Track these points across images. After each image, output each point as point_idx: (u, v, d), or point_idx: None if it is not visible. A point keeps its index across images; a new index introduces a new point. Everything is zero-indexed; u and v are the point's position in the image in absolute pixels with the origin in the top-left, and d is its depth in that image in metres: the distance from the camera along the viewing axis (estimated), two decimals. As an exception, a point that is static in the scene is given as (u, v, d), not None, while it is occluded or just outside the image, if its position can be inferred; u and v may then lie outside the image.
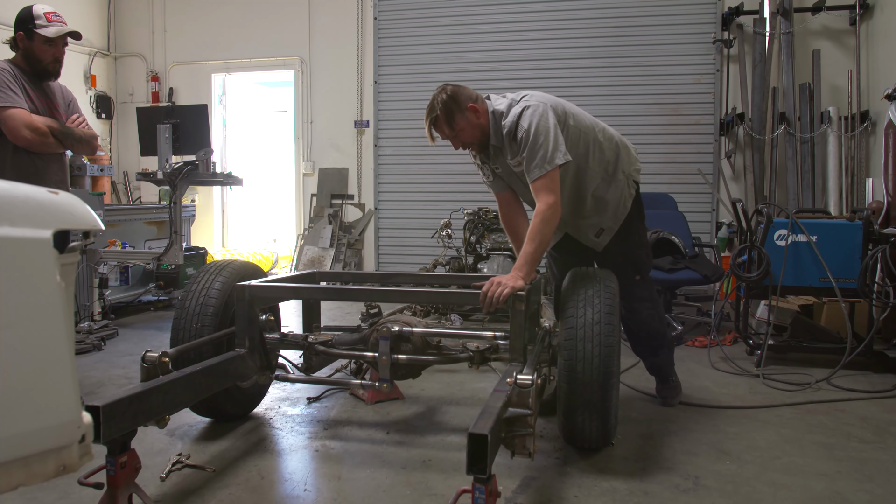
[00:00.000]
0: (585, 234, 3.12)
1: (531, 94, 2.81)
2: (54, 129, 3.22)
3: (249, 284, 2.75)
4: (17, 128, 3.07)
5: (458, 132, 2.81)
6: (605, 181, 3.01)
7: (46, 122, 3.20)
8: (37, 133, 3.13)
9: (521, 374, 2.01)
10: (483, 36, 7.55)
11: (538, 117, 2.68)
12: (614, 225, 3.07)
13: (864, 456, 2.69)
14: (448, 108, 2.76)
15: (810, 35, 6.72)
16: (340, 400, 3.37)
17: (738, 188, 6.93)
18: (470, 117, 2.79)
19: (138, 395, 2.02)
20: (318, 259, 7.73)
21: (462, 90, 2.81)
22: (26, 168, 3.15)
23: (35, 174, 3.17)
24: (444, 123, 2.79)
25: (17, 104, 3.10)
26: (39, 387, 1.02)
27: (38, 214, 1.01)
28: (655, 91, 7.13)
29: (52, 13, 3.25)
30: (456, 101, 2.76)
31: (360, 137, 8.01)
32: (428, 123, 2.81)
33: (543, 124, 2.68)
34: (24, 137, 3.10)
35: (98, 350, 4.45)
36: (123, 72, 8.82)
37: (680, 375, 3.34)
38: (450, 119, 2.78)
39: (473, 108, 2.78)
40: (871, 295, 3.92)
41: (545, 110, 2.71)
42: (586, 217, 3.07)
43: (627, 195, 3.07)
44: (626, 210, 3.07)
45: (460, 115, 2.78)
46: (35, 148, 3.18)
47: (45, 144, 3.19)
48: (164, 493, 2.29)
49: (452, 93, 2.78)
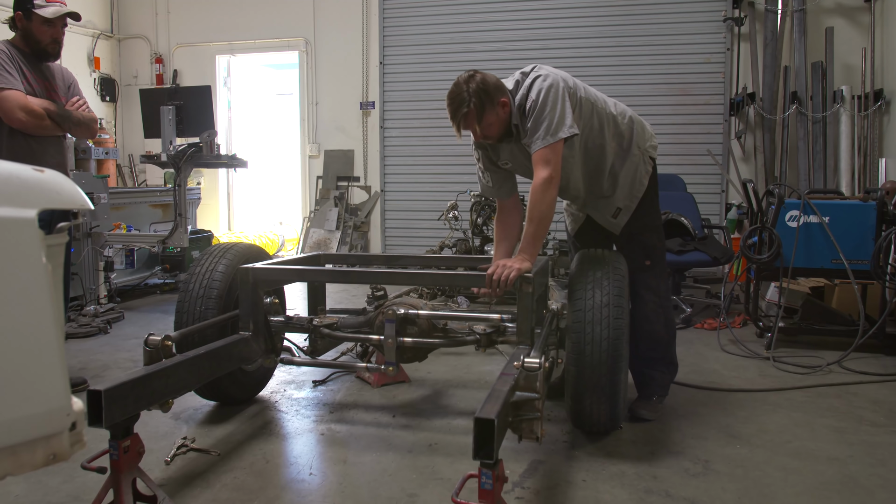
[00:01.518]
0: (603, 214, 2.94)
1: (541, 66, 2.66)
2: (51, 112, 3.17)
3: (253, 267, 2.72)
4: (11, 109, 3.03)
5: (484, 128, 2.59)
6: (620, 157, 2.84)
7: (43, 104, 3.15)
8: (32, 115, 3.08)
9: (529, 358, 1.98)
10: (489, 15, 7.44)
11: (547, 87, 2.54)
12: (631, 203, 2.87)
13: (876, 440, 2.65)
14: (481, 103, 2.52)
15: (823, 12, 6.59)
16: (346, 383, 3.35)
17: (749, 169, 6.84)
18: (499, 112, 2.57)
19: (141, 379, 2.00)
20: (324, 241, 7.70)
21: (491, 80, 2.57)
22: (22, 150, 3.10)
23: (31, 157, 3.12)
24: (475, 119, 2.55)
25: (13, 86, 3.05)
26: (26, 373, 0.99)
27: (22, 193, 0.97)
28: (664, 71, 7.02)
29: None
30: (489, 94, 2.52)
31: (365, 119, 7.94)
32: (458, 120, 2.56)
33: (553, 95, 2.54)
34: (18, 119, 3.05)
35: (104, 333, 4.44)
36: (127, 54, 8.76)
37: (689, 358, 3.26)
38: (480, 115, 2.54)
39: (503, 104, 2.57)
40: (885, 277, 3.85)
41: (555, 81, 2.57)
42: (604, 196, 2.89)
43: (644, 172, 2.87)
44: (643, 188, 2.88)
45: (491, 111, 2.55)
46: (31, 130, 3.13)
47: (42, 127, 3.15)
48: (168, 476, 2.28)
49: (483, 84, 2.52)
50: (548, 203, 2.55)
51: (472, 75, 2.56)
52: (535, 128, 2.55)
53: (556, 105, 2.54)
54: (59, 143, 3.35)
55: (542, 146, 2.53)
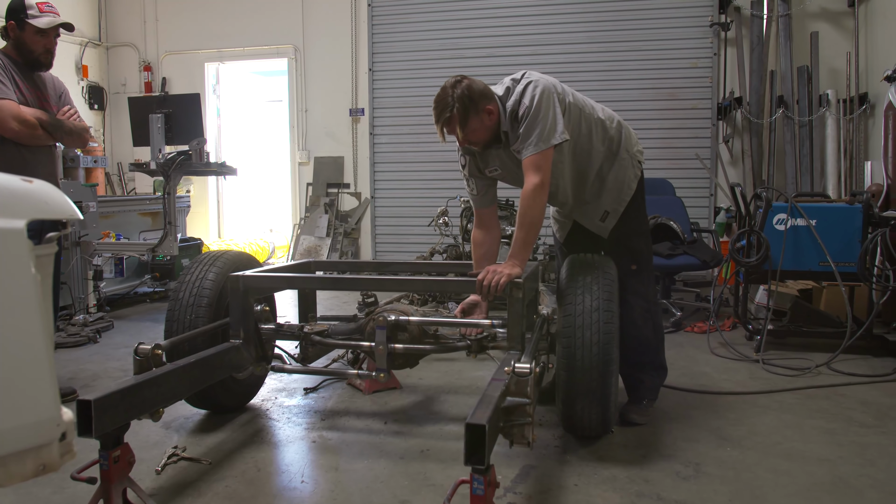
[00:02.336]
0: (591, 218, 2.96)
1: (531, 72, 2.67)
2: (44, 121, 3.16)
3: (244, 275, 2.71)
4: (4, 119, 3.02)
5: (468, 133, 2.60)
6: (609, 160, 2.85)
7: (36, 113, 3.14)
8: (25, 125, 3.07)
9: (519, 363, 1.98)
10: (478, 21, 7.47)
11: (539, 93, 2.56)
12: (619, 207, 2.88)
13: (865, 440, 2.68)
14: (464, 108, 2.53)
15: (808, 17, 6.65)
16: (338, 390, 3.35)
17: (737, 172, 6.89)
18: (483, 119, 2.58)
19: (131, 389, 1.99)
20: (315, 248, 7.69)
21: (477, 87, 2.58)
22: (14, 160, 3.09)
23: (23, 166, 3.11)
24: (458, 124, 2.56)
25: (6, 95, 3.04)
26: (15, 383, 0.98)
27: (11, 203, 0.97)
28: (652, 76, 7.07)
29: (44, 3, 3.17)
30: (473, 101, 2.53)
31: (355, 125, 7.95)
32: (441, 124, 2.58)
33: (545, 101, 2.56)
34: (11, 129, 3.04)
35: (93, 343, 4.42)
36: (115, 62, 8.73)
37: (679, 361, 3.28)
38: (464, 120, 2.55)
39: (489, 111, 2.58)
40: (871, 278, 3.89)
41: (546, 87, 2.58)
42: (590, 200, 2.91)
43: (632, 175, 2.88)
44: (631, 192, 2.89)
45: (475, 117, 2.56)
46: (24, 140, 3.12)
47: (34, 137, 3.14)
48: (160, 486, 2.27)
49: (468, 90, 2.53)
50: (538, 209, 2.56)
51: (458, 80, 2.57)
52: (528, 134, 2.56)
53: (548, 111, 2.55)
54: (51, 153, 3.34)
55: (533, 152, 2.55)
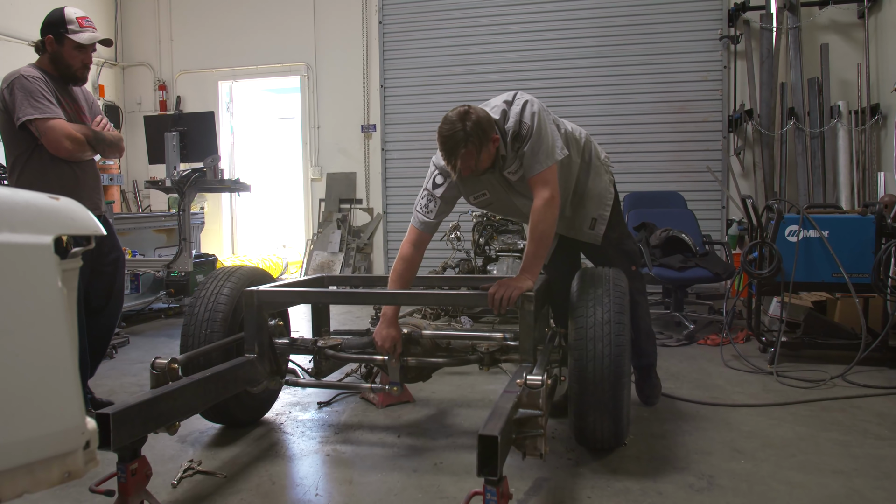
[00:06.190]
0: (580, 228, 3.03)
1: (522, 93, 2.69)
2: (88, 137, 3.12)
3: (258, 290, 2.74)
4: (58, 139, 2.98)
5: (477, 164, 2.56)
6: (584, 170, 2.99)
7: (81, 129, 3.10)
8: (76, 143, 3.04)
9: (532, 375, 2.00)
10: (489, 38, 7.53)
11: (537, 112, 2.61)
12: (604, 212, 3.02)
13: (881, 453, 2.65)
14: (479, 142, 2.48)
15: (818, 29, 6.66)
16: (351, 404, 3.37)
17: (748, 185, 6.88)
18: (490, 148, 2.54)
19: (148, 402, 2.02)
20: (328, 264, 7.73)
21: (484, 117, 2.53)
22: (68, 178, 3.08)
23: (76, 184, 3.11)
24: (474, 158, 2.51)
25: (56, 114, 3.00)
26: (42, 393, 1.02)
27: (39, 220, 1.01)
28: (663, 89, 7.09)
29: (84, 17, 3.09)
30: (485, 133, 2.49)
31: (367, 141, 8.01)
32: (455, 159, 2.48)
33: (544, 119, 2.62)
34: (66, 149, 3.01)
35: (109, 358, 4.46)
36: (131, 81, 8.87)
37: (693, 374, 3.30)
38: (478, 154, 2.51)
39: (494, 140, 2.55)
40: (886, 289, 3.87)
41: (540, 106, 2.65)
42: (577, 210, 3.03)
43: (608, 181, 3.05)
44: (611, 196, 3.05)
45: (485, 148, 2.53)
46: (75, 157, 3.09)
47: (83, 153, 3.12)
48: (175, 499, 2.29)
49: (478, 123, 2.48)
50: (549, 222, 2.60)
51: (465, 112, 2.49)
52: (535, 152, 2.60)
53: (548, 129, 2.64)
54: (94, 166, 3.31)
55: (540, 170, 2.60)
